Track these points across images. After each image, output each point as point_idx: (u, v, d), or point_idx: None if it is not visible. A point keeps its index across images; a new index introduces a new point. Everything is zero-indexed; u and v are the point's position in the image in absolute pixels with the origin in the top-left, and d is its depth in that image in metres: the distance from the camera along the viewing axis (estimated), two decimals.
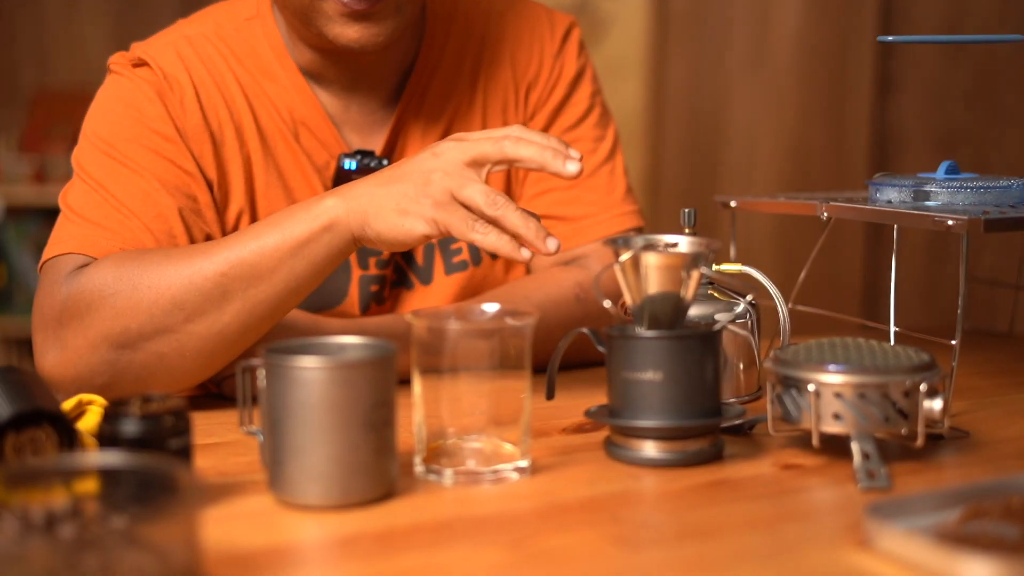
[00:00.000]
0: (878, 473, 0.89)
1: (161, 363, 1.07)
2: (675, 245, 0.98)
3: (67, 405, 0.96)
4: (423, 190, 0.99)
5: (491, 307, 0.95)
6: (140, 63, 1.19)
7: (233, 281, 1.05)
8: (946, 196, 1.14)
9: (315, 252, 1.04)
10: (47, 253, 1.14)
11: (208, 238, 1.18)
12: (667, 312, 0.95)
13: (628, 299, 0.96)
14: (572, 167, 0.98)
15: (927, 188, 1.14)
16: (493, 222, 0.98)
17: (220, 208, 1.20)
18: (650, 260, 0.94)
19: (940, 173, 1.18)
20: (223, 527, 0.81)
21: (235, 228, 1.22)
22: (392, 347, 0.87)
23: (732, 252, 1.31)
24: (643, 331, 0.95)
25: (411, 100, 1.28)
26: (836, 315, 1.22)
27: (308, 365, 0.83)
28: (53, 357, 1.09)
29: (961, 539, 0.75)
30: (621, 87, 3.09)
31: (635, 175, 3.07)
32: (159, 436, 0.82)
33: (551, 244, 0.98)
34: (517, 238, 0.98)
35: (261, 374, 0.86)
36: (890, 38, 1.17)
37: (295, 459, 0.84)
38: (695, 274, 0.94)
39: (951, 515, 0.80)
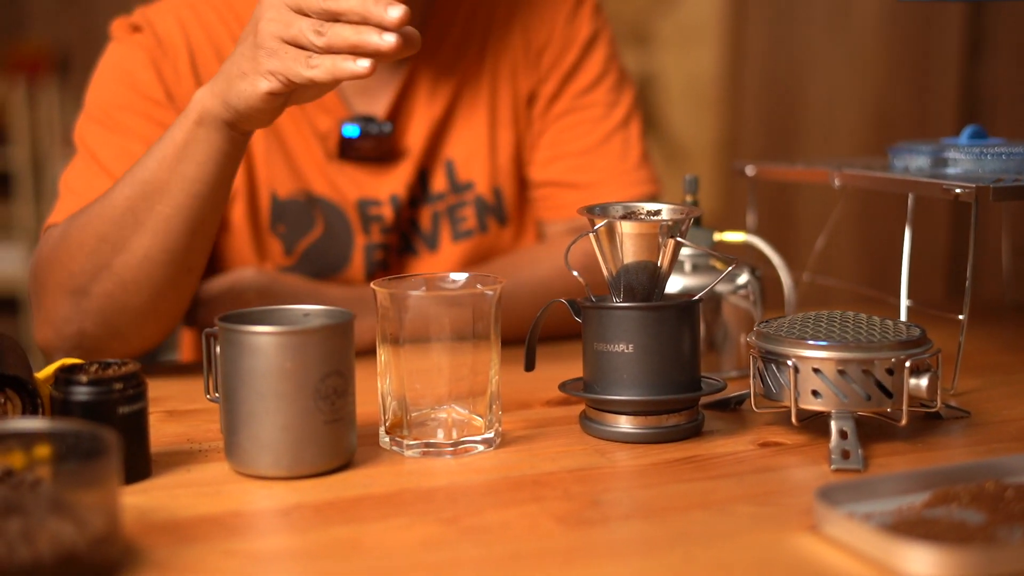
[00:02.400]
0: (853, 454, 0.84)
1: (113, 303, 1.06)
2: (658, 212, 0.94)
3: (44, 372, 0.97)
4: (254, 45, 0.93)
5: (460, 276, 0.93)
6: (136, 28, 1.19)
7: (138, 202, 1.03)
8: (968, 163, 1.08)
9: (198, 151, 1.00)
10: (42, 230, 1.16)
11: None
12: (643, 282, 0.92)
13: (604, 269, 0.93)
14: (394, 12, 0.89)
15: (947, 155, 1.09)
16: (327, 49, 0.91)
17: None
18: (624, 228, 0.90)
19: (963, 138, 1.12)
20: (171, 494, 0.81)
21: (235, 195, 1.21)
22: (348, 315, 0.86)
23: (750, 221, 1.27)
24: (615, 302, 0.92)
25: (418, 63, 1.26)
26: (852, 286, 1.17)
27: (257, 331, 0.82)
28: (38, 325, 1.11)
29: (916, 524, 0.71)
30: (696, 51, 3.03)
31: (712, 138, 3.02)
32: (108, 402, 0.82)
33: (392, 12, 0.89)
34: (356, 48, 0.90)
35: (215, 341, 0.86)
36: None
37: (246, 428, 0.83)
38: (671, 243, 0.91)
39: (918, 499, 0.76)
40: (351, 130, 1.22)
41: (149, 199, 1.02)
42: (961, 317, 0.99)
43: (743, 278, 1.10)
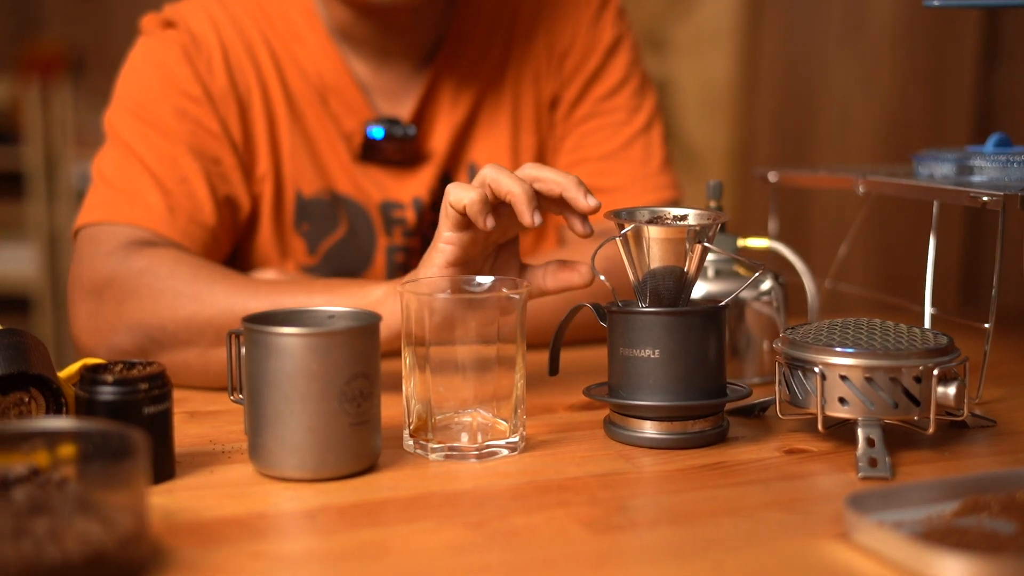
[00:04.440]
0: (880, 462, 0.84)
1: (187, 371, 1.07)
2: (684, 218, 0.94)
3: (68, 371, 0.97)
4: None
5: (485, 279, 0.93)
6: (169, 24, 1.20)
7: None
8: (993, 171, 1.08)
9: None
10: (80, 220, 1.15)
11: (231, 200, 1.18)
12: (669, 288, 0.91)
13: (630, 274, 0.93)
14: (592, 201, 0.91)
15: (972, 163, 1.08)
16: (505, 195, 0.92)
17: (246, 171, 1.20)
18: (651, 233, 0.90)
19: (989, 146, 1.12)
20: (196, 495, 0.81)
21: (260, 192, 1.21)
22: (375, 317, 0.85)
23: (772, 227, 1.26)
24: (642, 307, 0.91)
25: (443, 67, 1.26)
26: (875, 294, 1.16)
27: (284, 333, 0.82)
28: (86, 324, 1.10)
29: (948, 533, 0.70)
30: (711, 57, 3.02)
31: (725, 145, 3.01)
32: (134, 402, 0.82)
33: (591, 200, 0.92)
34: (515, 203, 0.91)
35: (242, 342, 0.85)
36: (936, 2, 1.10)
37: (271, 429, 0.83)
38: (698, 248, 0.90)
39: (948, 508, 0.75)
40: (376, 131, 1.22)
41: None
42: (987, 325, 0.99)
43: (766, 284, 1.09)
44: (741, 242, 1.12)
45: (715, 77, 2.99)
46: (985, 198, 0.97)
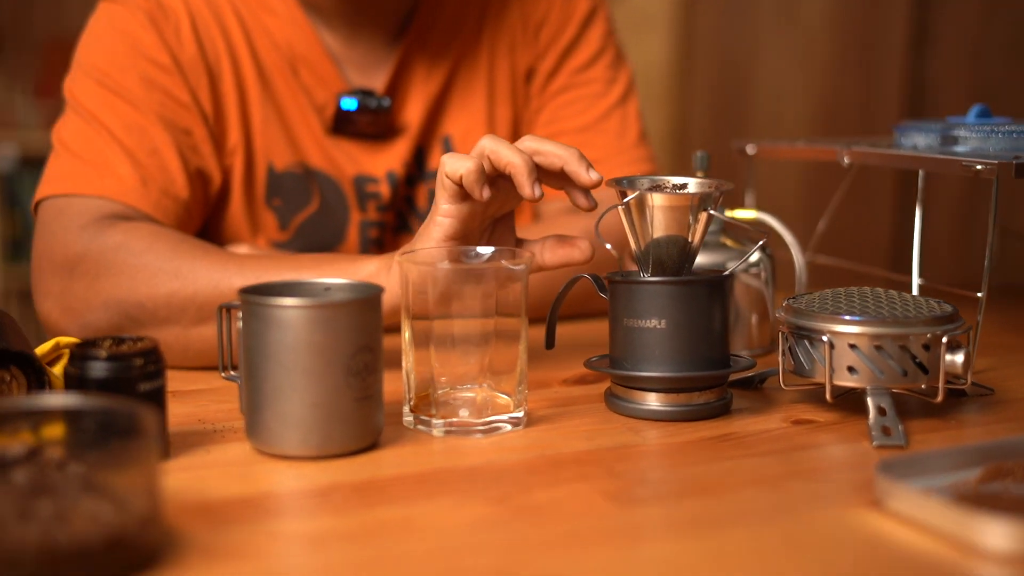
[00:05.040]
0: (894, 430, 0.83)
1: (166, 350, 1.00)
2: (684, 187, 0.92)
3: (42, 349, 0.92)
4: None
5: (485, 249, 0.90)
6: None
7: None
8: (976, 141, 1.07)
9: None
10: (42, 191, 1.09)
11: (202, 173, 1.14)
12: (673, 257, 0.90)
13: (632, 243, 0.91)
14: (594, 174, 0.89)
15: (956, 133, 1.08)
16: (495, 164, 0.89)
17: (217, 143, 1.15)
18: (656, 201, 0.88)
19: (970, 117, 1.12)
20: (195, 476, 0.77)
21: (231, 164, 1.17)
22: (378, 289, 0.82)
23: (749, 200, 1.25)
24: (647, 276, 0.89)
25: (415, 38, 1.22)
26: (857, 266, 1.16)
27: (287, 304, 0.78)
28: (56, 303, 1.04)
29: (979, 500, 0.70)
30: (647, 39, 3.02)
31: (662, 127, 3.00)
32: (128, 379, 0.78)
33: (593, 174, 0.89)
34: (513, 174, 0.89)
35: (239, 315, 0.82)
36: None
37: (272, 406, 0.79)
38: (703, 217, 0.89)
39: (970, 475, 0.75)
40: (350, 103, 1.18)
41: None
42: (980, 295, 0.98)
43: (755, 256, 1.08)
44: (729, 213, 1.10)
45: (651, 60, 2.99)
46: (979, 167, 0.97)
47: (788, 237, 1.08)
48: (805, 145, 1.20)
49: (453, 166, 0.89)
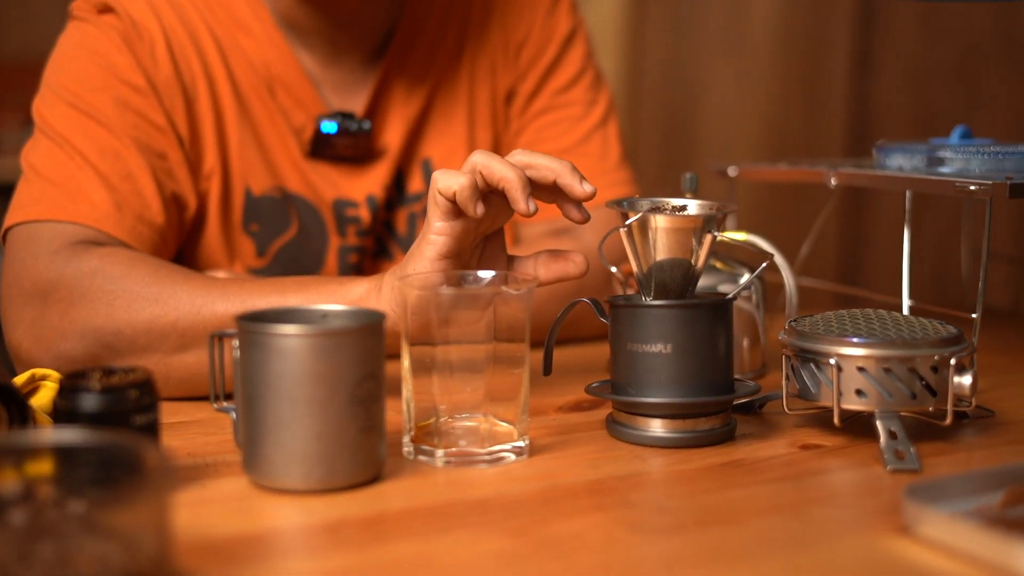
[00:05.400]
0: (907, 454, 0.82)
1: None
2: (683, 208, 0.90)
3: (18, 380, 0.88)
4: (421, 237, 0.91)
5: (486, 273, 0.88)
6: (106, 9, 1.10)
7: None
8: (961, 162, 1.07)
9: None
10: (12, 218, 1.05)
11: (178, 198, 1.10)
12: (676, 280, 0.88)
13: (634, 266, 0.89)
14: (587, 187, 0.88)
15: (941, 154, 1.08)
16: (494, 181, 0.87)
17: (193, 167, 1.12)
18: (659, 223, 0.86)
19: (954, 138, 1.12)
20: (194, 513, 0.73)
21: (207, 189, 1.13)
22: (380, 315, 0.79)
23: (730, 223, 1.24)
24: (651, 300, 0.88)
25: (394, 59, 1.20)
26: (843, 288, 1.15)
27: (288, 333, 0.75)
28: (27, 333, 1.00)
29: (1007, 524, 0.68)
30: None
31: None
32: (122, 411, 0.74)
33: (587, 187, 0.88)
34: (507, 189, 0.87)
35: (234, 344, 0.78)
36: None
37: (273, 438, 0.76)
38: (707, 239, 0.87)
39: (990, 499, 0.74)
40: (329, 126, 1.15)
41: None
42: (974, 316, 0.98)
43: (745, 279, 1.07)
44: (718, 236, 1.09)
45: None
46: (972, 187, 0.97)
47: (779, 259, 1.07)
48: (788, 167, 1.19)
49: (446, 183, 0.86)
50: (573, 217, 0.89)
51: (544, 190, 0.89)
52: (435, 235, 0.88)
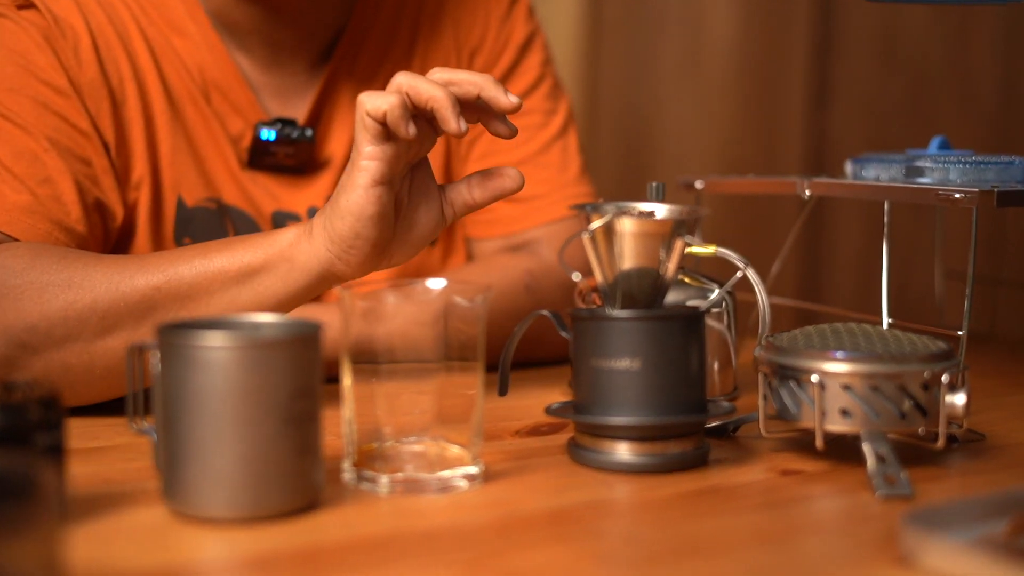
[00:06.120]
0: (897, 479, 0.75)
1: (66, 376, 0.88)
2: (651, 214, 0.83)
3: None
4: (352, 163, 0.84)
5: (436, 283, 0.80)
6: (27, 5, 1.02)
7: (165, 298, 0.88)
8: (940, 173, 1.01)
9: (265, 283, 0.87)
10: None
11: (102, 206, 1.01)
12: (644, 290, 0.81)
13: (598, 275, 0.82)
14: (513, 98, 0.83)
15: (920, 164, 1.02)
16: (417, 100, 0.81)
17: (119, 175, 1.03)
18: (626, 227, 0.79)
19: (932, 148, 1.06)
20: (102, 545, 0.64)
21: (136, 199, 1.05)
22: (316, 325, 0.71)
23: (697, 237, 1.17)
24: (617, 312, 0.80)
25: (340, 64, 1.12)
26: (814, 306, 1.08)
27: (213, 344, 0.67)
28: None
29: (1017, 553, 0.61)
30: None
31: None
32: (23, 430, 0.65)
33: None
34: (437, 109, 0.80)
35: (155, 357, 0.70)
36: None
37: (195, 461, 0.67)
38: (678, 245, 0.80)
39: (996, 527, 0.66)
40: (268, 133, 1.07)
41: (179, 301, 0.88)
42: (960, 333, 0.91)
43: (714, 295, 1.00)
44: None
45: None
46: (957, 195, 0.90)
47: (751, 274, 1.00)
48: (757, 178, 1.13)
49: (374, 103, 0.80)
50: (499, 132, 0.85)
51: (469, 109, 0.83)
52: (366, 160, 0.81)
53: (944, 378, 0.77)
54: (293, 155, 1.09)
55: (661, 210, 0.83)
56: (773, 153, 2.88)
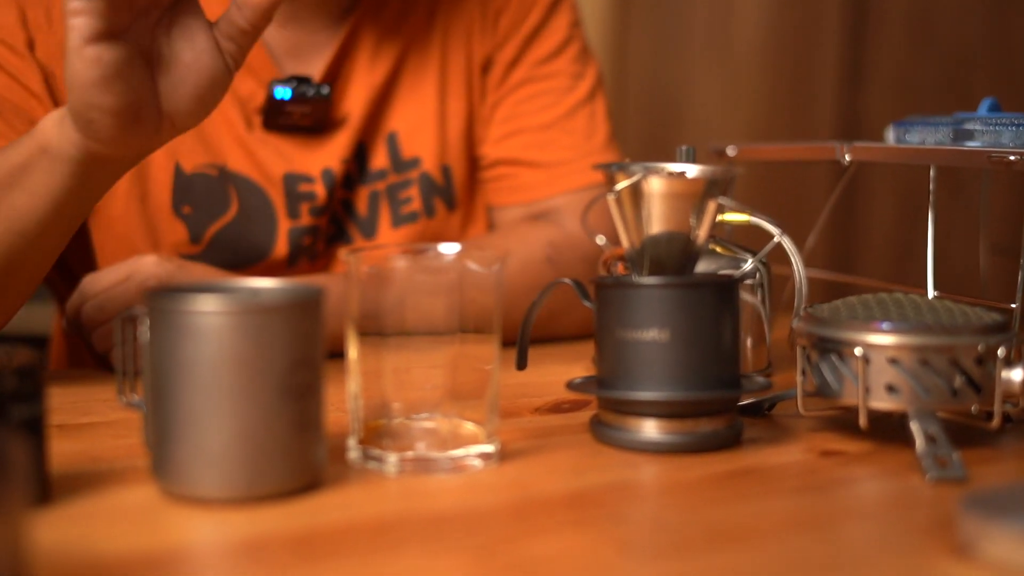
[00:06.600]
0: (950, 461, 0.68)
1: None
2: (682, 174, 0.77)
3: None
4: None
5: (450, 248, 0.74)
6: None
7: None
8: (991, 136, 0.95)
9: (34, 180, 0.79)
10: None
11: None
12: (673, 256, 0.75)
13: (624, 240, 0.76)
14: None
15: (969, 127, 0.95)
16: None
17: None
18: (655, 187, 0.73)
19: (982, 110, 0.99)
20: (84, 527, 0.59)
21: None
22: (317, 290, 0.66)
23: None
24: (644, 279, 0.74)
25: (362, 20, 1.07)
26: (852, 279, 1.02)
27: (205, 309, 0.62)
28: None
29: None
30: None
31: None
32: None
33: None
34: None
35: (144, 324, 0.65)
36: None
37: (186, 437, 0.62)
38: (710, 207, 0.74)
39: None
40: (283, 92, 1.02)
41: None
42: (1014, 306, 0.85)
43: (748, 266, 0.94)
44: (718, 217, 0.96)
45: None
46: (1012, 157, 0.84)
47: (787, 243, 0.94)
48: (794, 144, 1.06)
49: None
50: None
51: None
52: (73, 18, 0.71)
53: (1000, 352, 0.71)
54: (308, 114, 1.03)
55: (692, 171, 0.77)
56: (804, 132, 2.80)
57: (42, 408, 0.62)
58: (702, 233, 0.75)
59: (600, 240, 0.77)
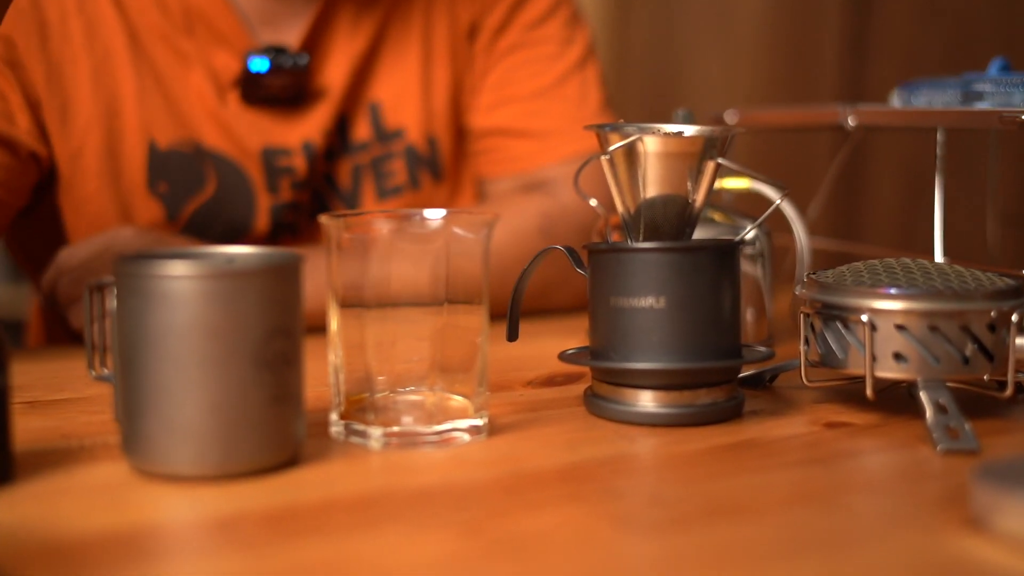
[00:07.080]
0: (961, 431, 0.65)
1: None
2: (679, 134, 0.74)
3: None
4: None
5: (435, 213, 0.71)
6: None
7: None
8: (1001, 97, 0.91)
9: None
10: None
11: (12, 144, 0.92)
12: (670, 220, 0.71)
13: (619, 204, 0.73)
14: None
15: (979, 87, 0.92)
16: None
17: (44, 115, 0.94)
18: (650, 147, 0.70)
19: (993, 71, 0.96)
20: (50, 505, 0.56)
21: (79, 146, 0.96)
22: (295, 256, 0.63)
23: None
24: (640, 243, 0.71)
25: None
26: (856, 247, 0.99)
27: (174, 273, 0.58)
28: None
29: None
30: None
31: None
32: None
33: None
34: None
35: (113, 294, 0.61)
36: None
37: (156, 410, 0.59)
38: (708, 168, 0.71)
39: None
40: (259, 63, 0.98)
41: None
42: None
43: (750, 233, 0.90)
44: (716, 184, 0.92)
45: None
46: None
47: (789, 210, 0.91)
48: (796, 108, 1.03)
49: None
50: None
51: None
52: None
53: (1014, 318, 0.68)
54: (286, 85, 1.00)
55: (689, 130, 0.73)
56: (807, 102, 2.77)
57: (6, 382, 0.59)
58: (700, 196, 0.71)
59: (594, 203, 0.73)
